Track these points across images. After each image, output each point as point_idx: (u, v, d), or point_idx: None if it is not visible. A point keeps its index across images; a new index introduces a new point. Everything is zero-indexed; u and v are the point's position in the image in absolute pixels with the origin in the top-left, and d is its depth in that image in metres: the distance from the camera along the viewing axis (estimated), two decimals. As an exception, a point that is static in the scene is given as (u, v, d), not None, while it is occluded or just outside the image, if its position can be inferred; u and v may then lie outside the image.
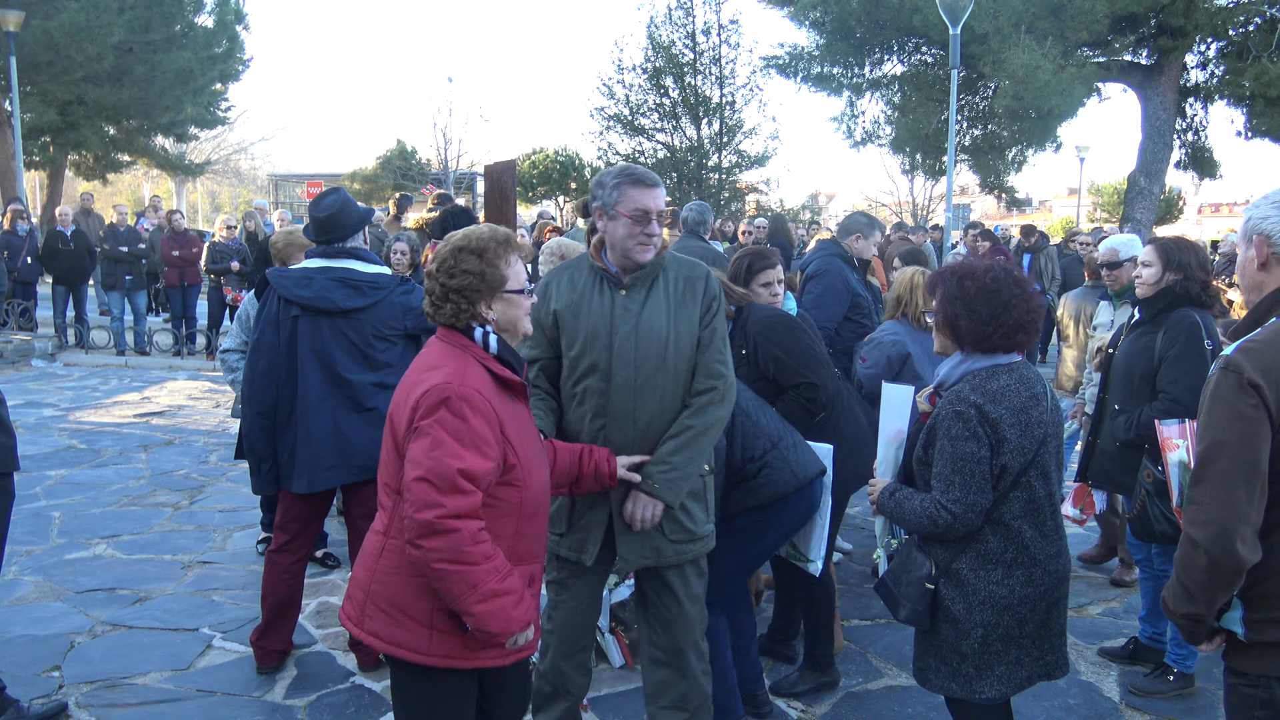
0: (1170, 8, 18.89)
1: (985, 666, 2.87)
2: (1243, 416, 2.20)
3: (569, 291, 3.23)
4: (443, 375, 2.50)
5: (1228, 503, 2.19)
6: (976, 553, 2.86)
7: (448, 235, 2.72)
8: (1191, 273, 4.26)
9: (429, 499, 2.38)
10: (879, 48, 23.05)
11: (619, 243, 3.14)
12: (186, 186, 39.81)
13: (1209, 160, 23.34)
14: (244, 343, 5.01)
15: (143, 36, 22.42)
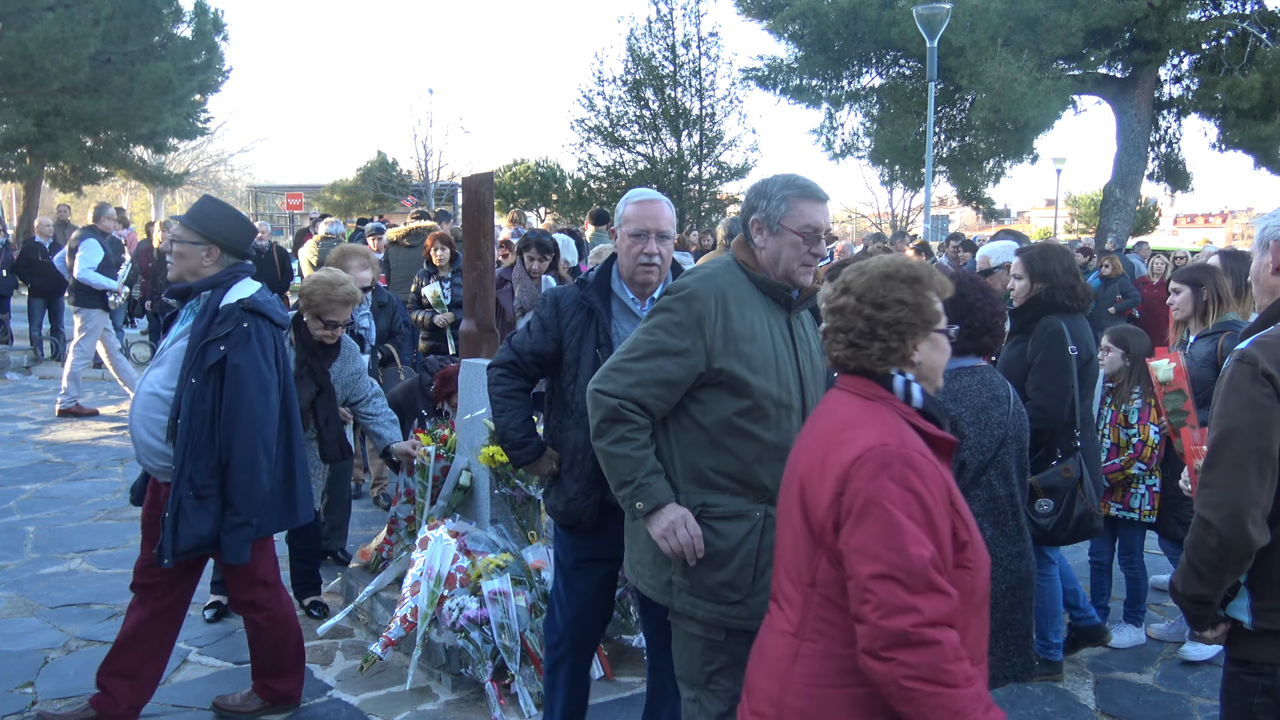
0: (1144, 22, 19.14)
1: None
2: (1256, 404, 2.32)
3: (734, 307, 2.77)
4: (874, 435, 2.04)
5: (1240, 486, 2.29)
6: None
7: (855, 266, 2.27)
8: (1057, 280, 4.32)
9: (900, 602, 1.90)
10: (857, 60, 23.25)
11: (782, 262, 2.78)
12: (165, 198, 39.58)
13: (1182, 172, 23.63)
14: None
15: (120, 47, 22.28)
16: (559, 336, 3.32)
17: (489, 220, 5.01)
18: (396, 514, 5.14)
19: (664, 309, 2.74)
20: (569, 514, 3.32)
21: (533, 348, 3.36)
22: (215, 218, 3.84)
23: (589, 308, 3.30)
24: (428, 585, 4.32)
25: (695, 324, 2.67)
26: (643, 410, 2.71)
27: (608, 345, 3.22)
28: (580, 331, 3.29)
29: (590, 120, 25.44)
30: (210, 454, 3.63)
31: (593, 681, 4.32)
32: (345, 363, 4.97)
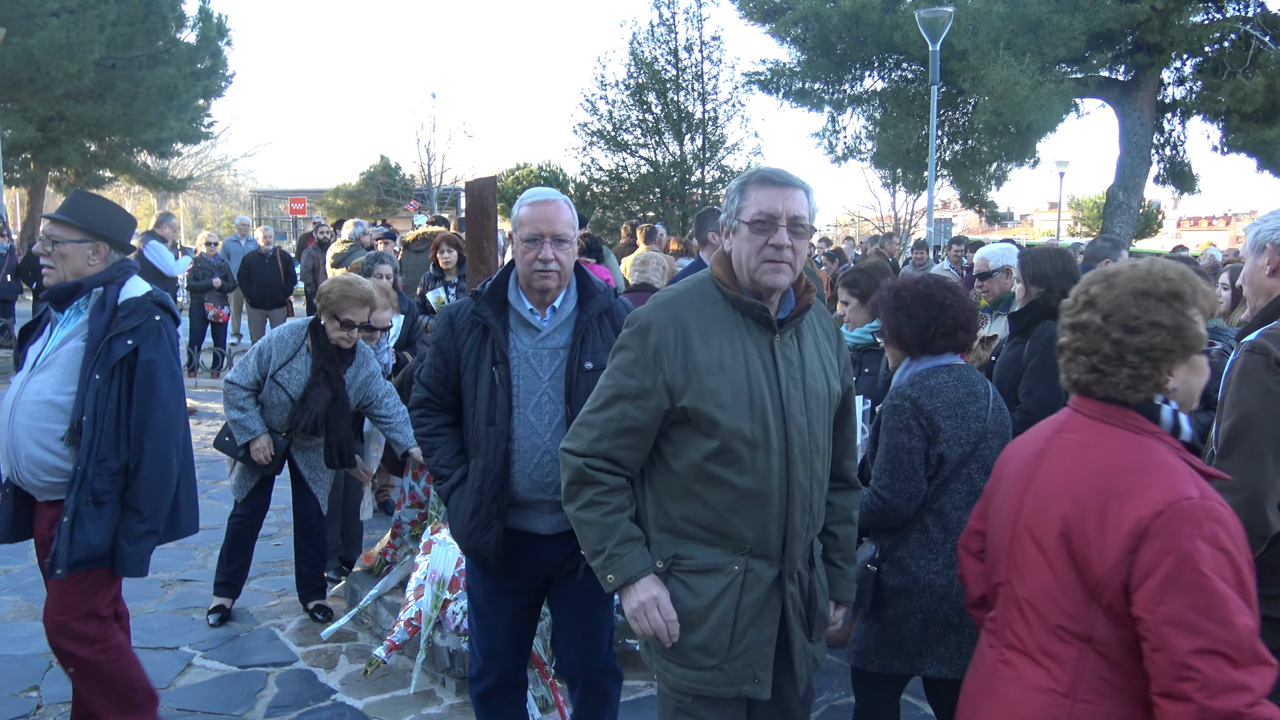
0: (1147, 25, 19.12)
1: (927, 647, 2.99)
2: (1270, 392, 2.36)
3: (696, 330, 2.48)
4: (1169, 484, 1.82)
5: (1258, 470, 2.35)
6: (918, 542, 2.99)
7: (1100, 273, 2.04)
8: (1053, 283, 4.31)
9: (1229, 680, 1.71)
10: (860, 64, 23.23)
11: (744, 265, 2.44)
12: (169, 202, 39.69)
13: (1187, 174, 23.59)
14: (256, 381, 4.87)
15: (125, 53, 22.35)
16: (456, 358, 3.10)
17: (492, 225, 5.01)
18: (400, 518, 5.14)
19: (620, 346, 2.48)
20: (471, 548, 3.10)
21: (439, 377, 3.15)
22: (99, 213, 3.54)
23: (483, 324, 3.05)
24: (432, 589, 4.33)
25: (652, 359, 2.39)
26: (615, 466, 2.45)
27: (504, 363, 3.02)
28: (476, 350, 3.06)
29: (593, 124, 25.44)
30: (115, 457, 3.33)
31: None
32: (359, 368, 5.00)
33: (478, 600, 3.24)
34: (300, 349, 4.89)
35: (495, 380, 3.01)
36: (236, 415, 4.86)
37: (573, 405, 2.98)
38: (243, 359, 4.96)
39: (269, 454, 4.88)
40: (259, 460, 4.88)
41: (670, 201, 25.19)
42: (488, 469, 3.02)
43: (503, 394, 3.01)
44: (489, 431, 3.01)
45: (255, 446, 4.86)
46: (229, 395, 4.89)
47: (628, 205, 25.58)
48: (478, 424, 3.04)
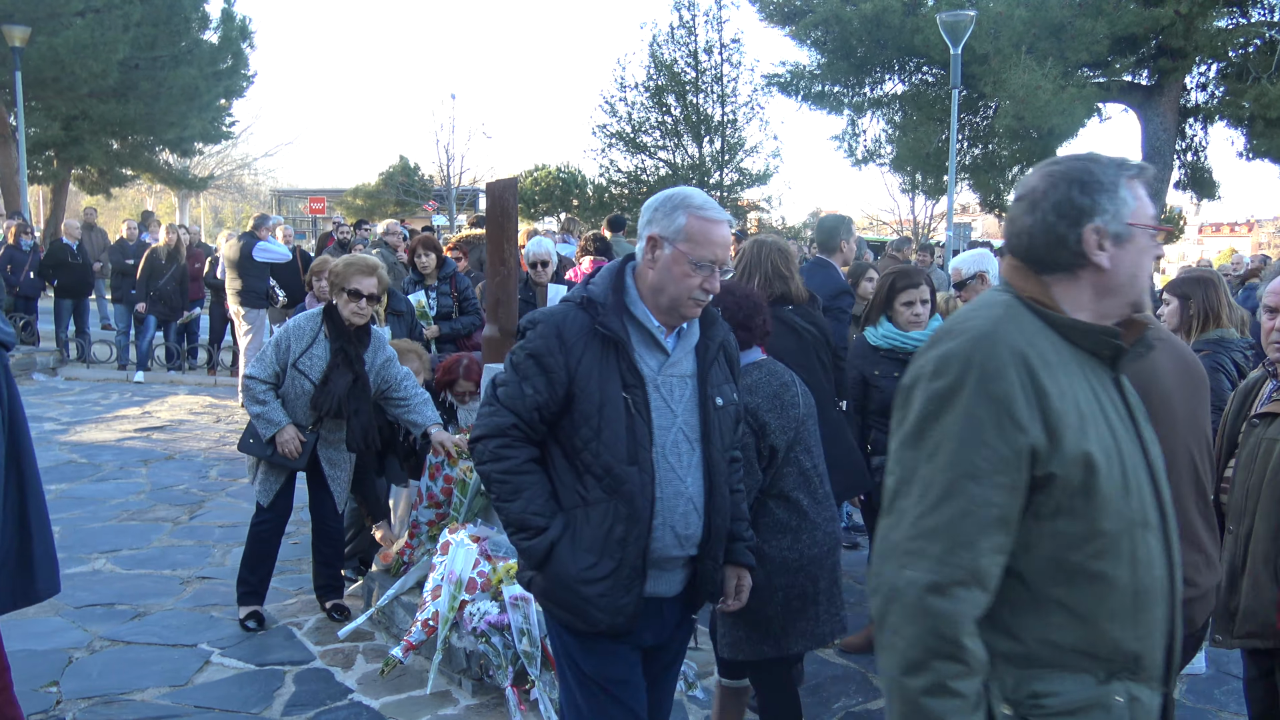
0: (1170, 29, 18.98)
1: (790, 624, 3.25)
2: None
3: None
4: None
5: None
6: (766, 525, 3.24)
7: None
8: None
9: None
10: (880, 67, 23.17)
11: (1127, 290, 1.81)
12: (190, 201, 39.95)
13: (1209, 181, 23.41)
14: (276, 374, 4.84)
15: (148, 53, 22.52)
16: (567, 377, 2.54)
17: (513, 226, 5.03)
18: (418, 518, 5.16)
19: (943, 400, 1.69)
20: (597, 617, 2.55)
21: (539, 401, 2.55)
22: None
23: (607, 337, 2.55)
24: (449, 590, 4.34)
25: (1006, 414, 1.65)
26: (982, 590, 1.65)
27: (639, 386, 2.56)
28: (599, 368, 2.54)
29: (612, 126, 25.51)
30: None
31: None
32: (376, 352, 4.99)
33: (600, 683, 2.64)
34: (319, 335, 4.88)
35: (630, 407, 2.54)
36: (259, 409, 4.82)
37: (709, 447, 2.64)
38: (259, 353, 4.96)
39: (298, 445, 4.83)
40: (287, 452, 4.82)
41: (688, 204, 25.19)
42: (634, 517, 2.52)
43: (642, 425, 2.54)
44: (630, 472, 2.51)
45: (283, 439, 4.81)
46: (250, 390, 4.86)
47: (646, 207, 25.59)
48: (608, 460, 2.52)
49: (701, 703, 4.28)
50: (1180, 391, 2.79)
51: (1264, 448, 3.00)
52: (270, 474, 5.00)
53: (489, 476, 2.61)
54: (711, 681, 4.49)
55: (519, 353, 2.60)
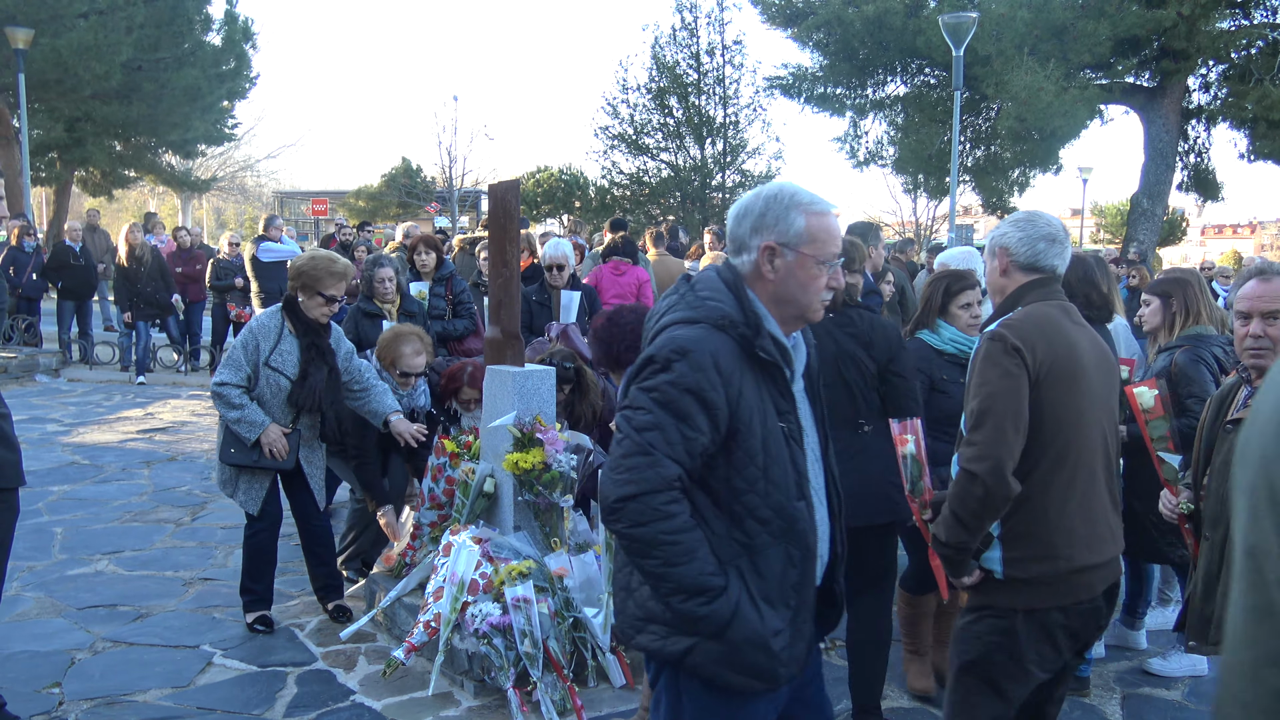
0: (1173, 31, 18.99)
1: None
2: (1010, 374, 2.69)
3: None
4: None
5: (1001, 441, 2.66)
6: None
7: None
8: (1073, 289, 4.26)
9: None
10: (882, 69, 23.18)
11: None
12: (192, 203, 40.01)
13: (1211, 182, 23.42)
14: (247, 377, 4.81)
15: (151, 55, 22.57)
16: (728, 411, 2.23)
17: (515, 227, 5.03)
18: (420, 520, 5.16)
19: None
20: (780, 674, 2.28)
21: (702, 445, 2.22)
22: None
23: (764, 362, 2.29)
24: (451, 591, 4.34)
25: None
26: None
27: (791, 412, 2.35)
28: (757, 396, 2.28)
29: (614, 128, 25.53)
30: None
31: (614, 689, 4.32)
32: (338, 344, 5.05)
33: None
34: (284, 331, 4.88)
35: (789, 438, 2.32)
36: (237, 414, 4.77)
37: (829, 463, 2.50)
38: (225, 359, 4.92)
39: (285, 444, 4.83)
40: (276, 452, 4.80)
41: (691, 205, 25.18)
42: (808, 557, 2.32)
43: (800, 454, 2.35)
44: (800, 509, 2.30)
45: (269, 439, 4.78)
46: (224, 396, 4.78)
47: (648, 209, 25.59)
48: (779, 500, 2.27)
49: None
50: (1096, 372, 2.82)
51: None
52: (254, 480, 4.95)
53: (652, 540, 2.19)
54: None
55: (670, 389, 2.21)
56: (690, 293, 2.37)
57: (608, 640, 4.36)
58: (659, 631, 2.30)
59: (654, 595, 2.28)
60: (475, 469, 4.83)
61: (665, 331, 2.31)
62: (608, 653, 4.38)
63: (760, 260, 2.33)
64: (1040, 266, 2.93)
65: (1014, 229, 2.98)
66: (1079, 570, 2.73)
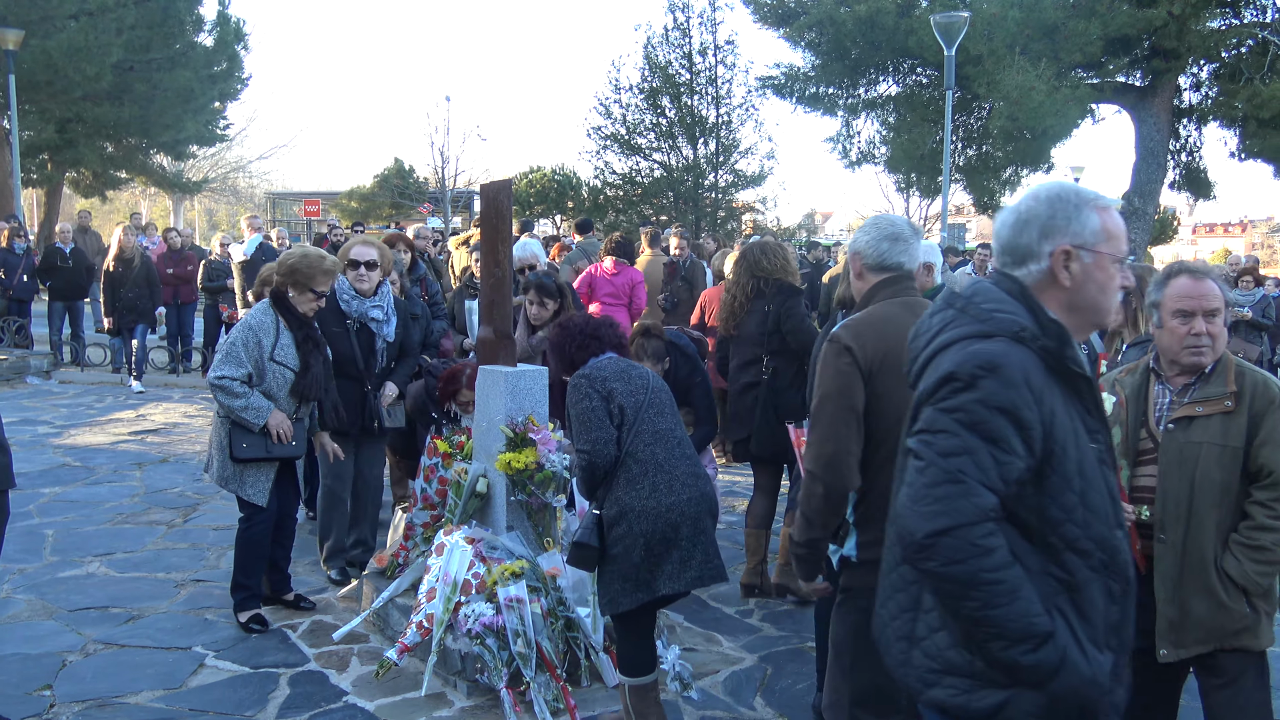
0: (1163, 30, 19.05)
1: (655, 567, 3.60)
2: (842, 373, 2.90)
3: None
4: None
5: (836, 439, 2.86)
6: (624, 479, 3.65)
7: None
8: None
9: None
10: (874, 69, 23.23)
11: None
12: (184, 204, 39.92)
13: (1203, 181, 23.50)
14: (248, 374, 4.84)
15: (142, 56, 22.53)
16: (1043, 433, 2.02)
17: (507, 227, 5.02)
18: (413, 520, 5.15)
19: None
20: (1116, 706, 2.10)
21: (1018, 470, 2.00)
22: None
23: (1075, 376, 2.12)
24: (444, 591, 4.33)
25: None
26: None
27: (1102, 430, 2.18)
28: (1066, 418, 2.07)
29: (607, 128, 25.52)
30: None
31: (607, 689, 4.32)
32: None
33: None
34: (279, 325, 4.98)
35: (1101, 460, 2.14)
36: (242, 403, 4.79)
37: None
38: (224, 355, 4.88)
39: (289, 426, 4.92)
40: (283, 433, 4.89)
41: (683, 205, 25.19)
42: (1128, 592, 2.13)
43: (1112, 477, 2.18)
44: (1119, 537, 2.11)
45: (275, 421, 4.86)
46: (227, 389, 4.78)
47: (641, 209, 25.59)
48: (1100, 530, 2.07)
49: (696, 704, 4.27)
50: None
51: (1188, 453, 3.02)
52: (261, 472, 4.99)
53: (971, 579, 1.96)
54: (708, 683, 4.49)
55: (978, 408, 2.00)
56: (970, 305, 2.16)
57: (601, 639, 4.36)
58: (961, 685, 2.06)
59: (955, 643, 2.06)
60: (468, 469, 4.82)
61: (955, 347, 2.09)
62: (601, 652, 4.38)
63: (1055, 266, 2.13)
64: (887, 265, 3.14)
65: (861, 234, 3.23)
66: None
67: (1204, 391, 3.05)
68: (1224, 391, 3.01)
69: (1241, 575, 2.97)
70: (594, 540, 3.71)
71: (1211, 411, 3.01)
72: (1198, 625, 3.03)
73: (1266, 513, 2.95)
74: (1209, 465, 2.99)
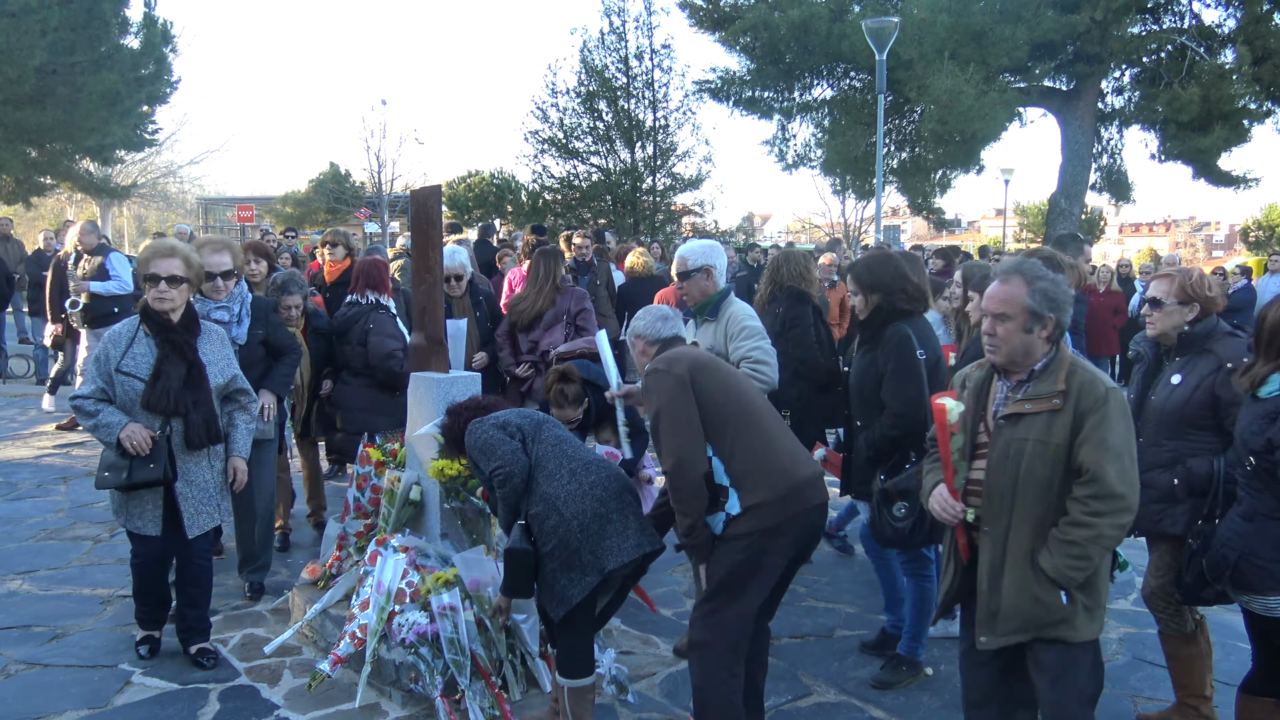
0: (1087, 35, 19.55)
1: (597, 545, 3.68)
2: (667, 388, 3.59)
3: None
4: None
5: (680, 442, 3.52)
6: (543, 476, 3.82)
7: None
8: (891, 287, 4.53)
9: None
10: (808, 73, 23.52)
11: None
12: (112, 210, 38.91)
13: (1123, 183, 24.16)
14: (101, 389, 4.38)
15: (66, 58, 21.93)
16: None
17: (438, 233, 5.01)
18: (346, 530, 5.11)
19: None
20: None
21: None
22: None
23: None
24: (378, 601, 4.30)
25: None
26: None
27: None
28: None
29: (544, 132, 25.40)
30: None
31: (543, 694, 4.33)
32: (212, 343, 4.63)
33: None
34: (137, 334, 4.46)
35: None
36: (92, 420, 4.36)
37: None
38: (83, 374, 4.64)
39: (146, 435, 4.31)
40: (135, 444, 4.28)
41: (621, 209, 25.22)
42: None
43: None
44: None
45: (127, 433, 4.28)
46: (79, 408, 4.40)
47: (579, 213, 25.56)
48: None
49: (633, 707, 4.30)
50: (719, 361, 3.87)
51: (1014, 448, 3.11)
52: (138, 502, 4.49)
53: None
54: (645, 685, 4.52)
55: None
56: None
57: (536, 645, 4.37)
58: None
59: None
60: (401, 477, 4.80)
61: None
62: (537, 658, 4.38)
63: None
64: (664, 339, 3.94)
65: (639, 322, 4.02)
66: (794, 488, 3.56)
67: (1035, 389, 3.12)
68: (1053, 390, 3.07)
69: (1053, 569, 3.03)
70: (525, 544, 3.75)
71: (1040, 409, 3.08)
72: (1013, 615, 3.13)
73: (1082, 509, 3.00)
74: (1033, 461, 3.07)
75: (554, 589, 3.74)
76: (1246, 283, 14.67)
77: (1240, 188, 22.40)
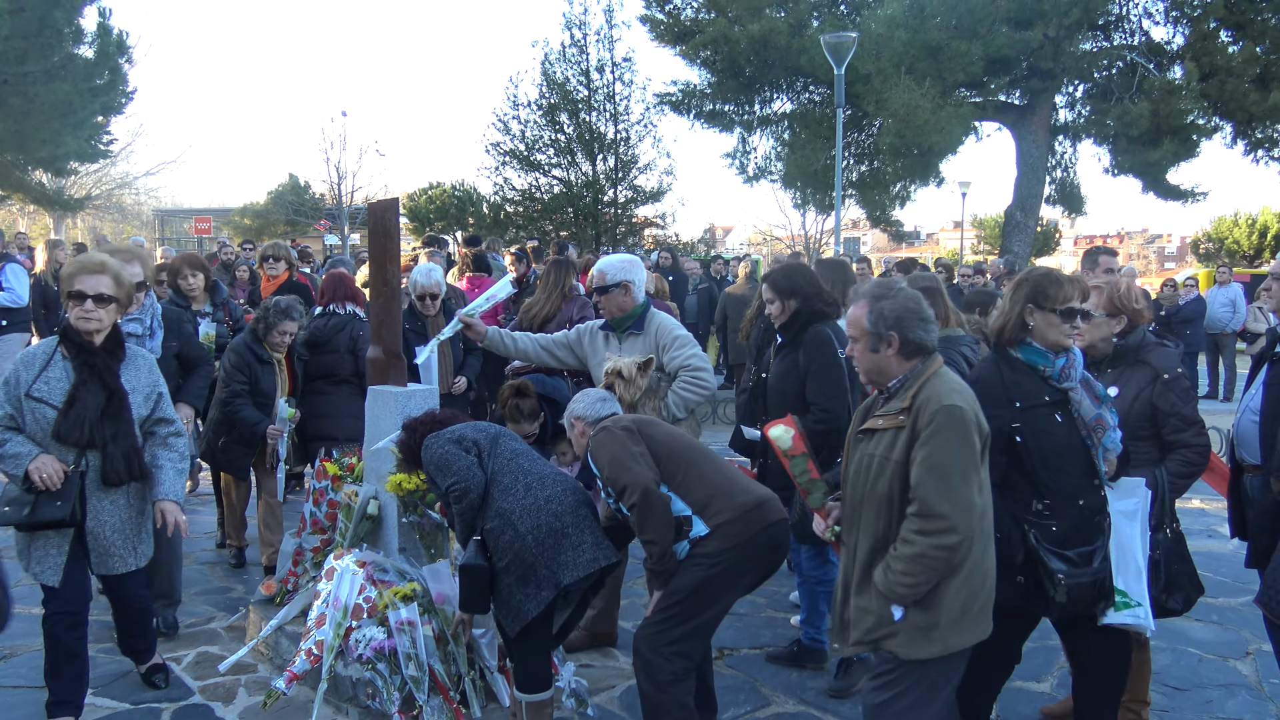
0: (1040, 51, 19.88)
1: (552, 560, 3.72)
2: (616, 439, 3.77)
3: None
4: None
5: (632, 478, 3.63)
6: (498, 491, 3.85)
7: None
8: (808, 292, 4.66)
9: None
10: (768, 86, 23.71)
11: None
12: (66, 222, 38.28)
13: (1076, 196, 24.54)
14: (10, 415, 3.96)
15: (18, 68, 21.59)
16: None
17: (395, 245, 5.00)
18: (302, 545, 5.06)
19: None
20: None
21: None
22: None
23: None
24: (334, 617, 4.27)
25: None
26: None
27: None
28: None
29: (505, 144, 25.36)
30: None
31: (502, 709, 4.31)
32: (138, 370, 4.21)
33: None
34: (54, 357, 4.03)
35: None
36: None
37: None
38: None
39: (57, 467, 3.90)
40: (44, 477, 3.87)
41: (583, 221, 25.24)
42: None
43: None
44: None
45: (35, 465, 3.87)
46: None
47: (541, 225, 25.55)
48: None
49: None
50: None
51: (865, 463, 3.13)
52: (47, 545, 4.06)
53: None
54: (604, 698, 4.52)
55: None
56: None
57: (494, 660, 4.35)
58: None
59: None
60: (358, 491, 4.76)
61: None
62: (495, 672, 4.37)
63: None
64: (601, 416, 4.02)
65: (578, 404, 4.10)
66: (757, 504, 3.71)
67: (887, 406, 3.15)
68: (899, 407, 3.06)
69: (883, 584, 3.02)
70: (480, 560, 3.79)
71: (889, 425, 3.07)
72: (854, 626, 3.16)
73: (907, 527, 2.98)
74: (877, 477, 3.07)
75: (510, 604, 3.77)
76: (1198, 295, 14.96)
77: (1189, 201, 22.85)
